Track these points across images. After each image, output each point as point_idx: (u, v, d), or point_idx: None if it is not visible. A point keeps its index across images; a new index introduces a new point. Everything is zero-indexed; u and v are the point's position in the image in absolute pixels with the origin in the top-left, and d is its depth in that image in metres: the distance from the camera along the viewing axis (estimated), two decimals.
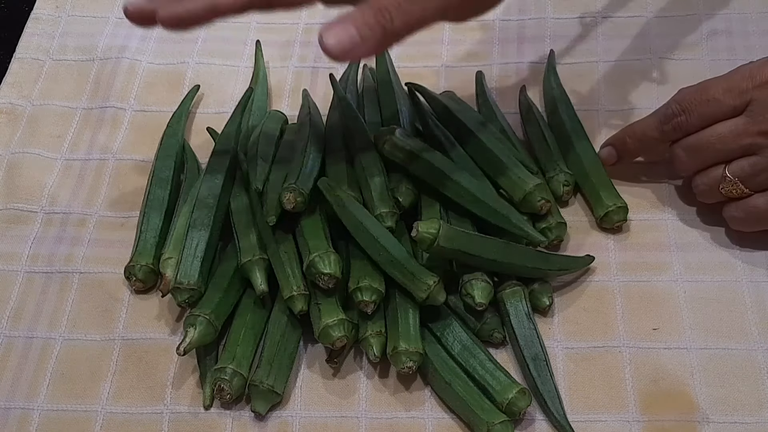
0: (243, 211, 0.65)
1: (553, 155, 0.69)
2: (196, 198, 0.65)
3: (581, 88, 0.75)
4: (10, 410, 0.61)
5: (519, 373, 0.61)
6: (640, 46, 0.78)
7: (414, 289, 0.59)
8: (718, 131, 0.62)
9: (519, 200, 0.64)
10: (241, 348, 0.60)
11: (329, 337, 0.59)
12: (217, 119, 0.73)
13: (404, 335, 0.59)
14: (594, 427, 0.58)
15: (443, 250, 0.59)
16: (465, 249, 0.60)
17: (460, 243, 0.59)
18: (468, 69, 0.77)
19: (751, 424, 0.58)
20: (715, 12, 0.79)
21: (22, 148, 0.74)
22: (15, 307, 0.66)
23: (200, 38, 0.82)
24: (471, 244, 0.60)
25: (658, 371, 0.60)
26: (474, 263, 0.60)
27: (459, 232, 0.60)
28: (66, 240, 0.69)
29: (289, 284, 0.60)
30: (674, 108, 0.64)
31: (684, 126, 0.63)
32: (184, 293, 0.61)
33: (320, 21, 0.82)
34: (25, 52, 0.81)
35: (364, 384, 0.61)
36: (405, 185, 0.64)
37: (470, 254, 0.60)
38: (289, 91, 0.78)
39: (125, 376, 0.62)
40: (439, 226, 0.58)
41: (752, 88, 0.60)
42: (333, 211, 0.63)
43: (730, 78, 0.62)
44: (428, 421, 0.59)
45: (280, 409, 0.60)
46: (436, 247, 0.58)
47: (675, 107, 0.63)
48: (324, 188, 0.62)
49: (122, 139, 0.75)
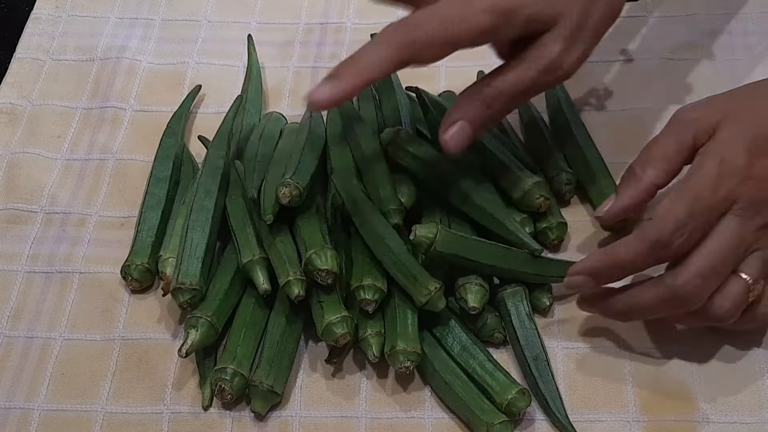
0: (240, 211, 0.65)
1: (553, 155, 0.69)
2: (193, 199, 0.65)
3: (581, 88, 0.75)
4: (10, 410, 0.61)
5: (519, 373, 0.61)
6: (640, 46, 0.78)
7: (414, 293, 0.59)
8: (724, 240, 0.55)
9: (518, 198, 0.64)
10: (241, 348, 0.60)
11: (333, 335, 0.59)
12: (216, 119, 0.73)
13: (402, 335, 0.59)
14: (594, 427, 0.58)
15: (440, 254, 0.59)
16: (463, 254, 0.60)
17: (458, 248, 0.59)
18: (468, 69, 0.76)
19: (751, 424, 0.58)
20: (715, 12, 0.79)
21: (22, 148, 0.74)
22: (15, 307, 0.66)
23: (200, 38, 0.82)
24: (469, 249, 0.60)
25: (658, 371, 0.60)
26: (473, 268, 0.60)
27: (457, 237, 0.60)
28: (66, 240, 0.69)
29: (285, 270, 0.60)
30: (669, 231, 0.54)
31: (687, 247, 0.55)
32: (185, 294, 0.61)
33: (320, 21, 0.82)
34: (25, 52, 0.81)
35: (364, 384, 0.61)
36: (407, 185, 0.64)
37: (468, 259, 0.60)
38: (289, 92, 0.78)
39: (125, 376, 0.62)
40: (436, 230, 0.58)
41: (735, 187, 0.55)
42: (335, 206, 0.63)
43: (707, 175, 0.55)
44: (428, 421, 0.59)
45: (280, 409, 0.60)
46: (433, 251, 0.58)
47: (670, 229, 0.54)
48: (337, 183, 0.62)
49: (122, 139, 0.75)
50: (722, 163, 0.55)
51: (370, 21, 0.81)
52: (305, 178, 0.62)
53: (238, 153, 0.69)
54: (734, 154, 0.55)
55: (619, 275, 0.57)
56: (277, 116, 0.73)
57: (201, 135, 0.74)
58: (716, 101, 0.59)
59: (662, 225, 0.55)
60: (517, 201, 0.65)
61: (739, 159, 0.55)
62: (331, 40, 0.81)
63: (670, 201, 0.55)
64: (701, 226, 0.55)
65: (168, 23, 0.83)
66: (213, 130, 0.72)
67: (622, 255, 0.56)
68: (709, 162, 0.56)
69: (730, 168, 0.55)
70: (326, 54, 0.80)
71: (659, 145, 0.59)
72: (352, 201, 0.62)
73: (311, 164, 0.64)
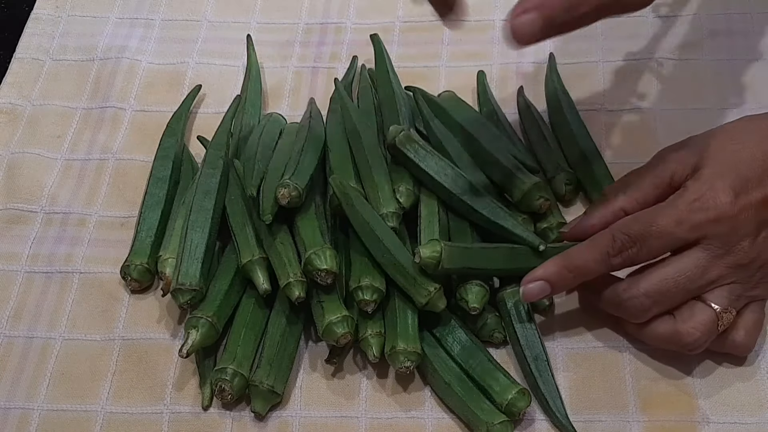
0: (239, 211, 0.65)
1: (554, 155, 0.69)
2: (192, 199, 0.65)
3: (581, 88, 0.75)
4: (10, 410, 0.61)
5: (519, 373, 0.61)
6: (640, 46, 0.78)
7: (414, 294, 0.59)
8: (683, 269, 0.56)
9: (518, 200, 0.64)
10: (241, 348, 0.60)
11: (333, 334, 0.59)
12: (216, 119, 0.73)
13: (402, 335, 0.59)
14: (594, 427, 0.58)
15: (449, 270, 0.59)
16: (470, 265, 0.59)
17: (465, 260, 0.59)
18: (468, 69, 0.77)
19: (751, 424, 0.58)
20: (715, 12, 0.79)
21: (22, 148, 0.74)
22: (15, 307, 0.66)
23: (200, 38, 0.82)
24: (475, 258, 0.60)
25: (658, 371, 0.60)
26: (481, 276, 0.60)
27: (461, 250, 0.59)
28: (66, 240, 0.69)
29: (286, 272, 0.60)
30: (623, 240, 0.57)
31: (636, 259, 0.57)
32: (186, 294, 0.61)
33: (320, 21, 0.82)
34: (25, 52, 0.81)
35: (364, 384, 0.61)
36: (405, 186, 0.64)
37: (477, 268, 0.60)
38: (289, 92, 0.78)
39: (125, 376, 0.62)
40: (440, 248, 0.58)
41: (705, 222, 0.56)
42: (335, 207, 0.63)
43: (676, 206, 0.57)
44: (428, 421, 0.59)
45: (280, 409, 0.60)
46: (441, 269, 0.58)
47: (624, 239, 0.57)
48: (334, 184, 0.62)
49: (122, 139, 0.75)
50: (698, 199, 0.56)
51: (370, 21, 0.81)
52: (304, 179, 0.62)
53: (238, 153, 0.69)
54: (712, 192, 0.57)
55: (573, 281, 0.59)
56: (277, 117, 0.73)
57: (200, 135, 0.74)
58: (696, 142, 0.60)
59: (614, 235, 0.57)
60: (517, 202, 0.65)
61: (716, 198, 0.56)
62: (331, 40, 0.81)
63: (632, 216, 0.58)
64: (657, 247, 0.57)
65: (168, 23, 0.83)
66: (213, 130, 0.72)
67: (576, 261, 0.58)
68: (685, 194, 0.57)
69: (703, 204, 0.56)
70: (326, 54, 0.80)
71: (636, 175, 0.62)
72: (349, 204, 0.62)
73: (310, 165, 0.64)
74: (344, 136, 0.67)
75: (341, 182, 0.62)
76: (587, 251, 0.58)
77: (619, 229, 0.58)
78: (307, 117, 0.70)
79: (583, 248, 0.58)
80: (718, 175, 0.57)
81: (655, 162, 0.61)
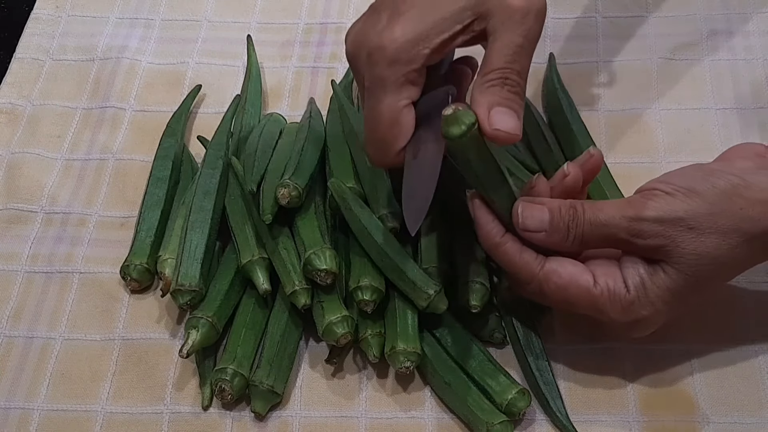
0: (239, 211, 0.65)
1: (554, 154, 0.69)
2: (192, 199, 0.66)
3: (581, 88, 0.75)
4: (10, 410, 0.61)
5: (519, 373, 0.61)
6: (640, 46, 0.78)
7: (415, 297, 0.59)
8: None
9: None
10: (241, 348, 0.60)
11: (333, 334, 0.59)
12: (216, 119, 0.73)
13: (402, 335, 0.59)
14: (594, 427, 0.58)
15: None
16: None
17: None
18: None
19: (751, 424, 0.58)
20: (715, 12, 0.79)
21: (22, 148, 0.74)
22: (15, 307, 0.66)
23: (200, 38, 0.82)
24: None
25: (658, 371, 0.60)
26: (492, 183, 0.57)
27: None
28: (66, 240, 0.69)
29: (291, 280, 0.60)
30: (491, 235, 0.56)
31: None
32: (185, 295, 0.61)
33: (320, 21, 0.82)
34: (25, 52, 0.81)
35: (364, 384, 0.61)
36: None
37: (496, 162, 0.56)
38: (288, 92, 0.78)
39: (125, 376, 0.62)
40: (474, 118, 0.53)
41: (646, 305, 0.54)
42: (335, 208, 0.63)
43: (624, 299, 0.54)
44: (428, 421, 0.59)
45: (280, 409, 0.60)
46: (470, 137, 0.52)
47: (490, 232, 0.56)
48: (332, 187, 0.62)
49: (122, 139, 0.75)
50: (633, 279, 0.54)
51: None
52: (304, 179, 0.62)
53: (238, 153, 0.69)
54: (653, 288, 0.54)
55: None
56: (277, 117, 0.73)
57: (200, 135, 0.74)
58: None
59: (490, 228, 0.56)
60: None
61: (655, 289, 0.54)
62: (331, 40, 0.81)
63: (582, 293, 0.55)
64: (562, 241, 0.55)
65: (168, 23, 0.83)
66: (213, 130, 0.72)
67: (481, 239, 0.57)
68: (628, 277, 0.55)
69: (644, 293, 0.54)
70: (326, 54, 0.80)
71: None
72: (347, 208, 0.62)
73: (310, 165, 0.64)
74: (344, 137, 0.67)
75: (340, 185, 0.62)
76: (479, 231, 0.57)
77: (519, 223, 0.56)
78: (307, 117, 0.70)
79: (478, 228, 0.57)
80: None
81: None
